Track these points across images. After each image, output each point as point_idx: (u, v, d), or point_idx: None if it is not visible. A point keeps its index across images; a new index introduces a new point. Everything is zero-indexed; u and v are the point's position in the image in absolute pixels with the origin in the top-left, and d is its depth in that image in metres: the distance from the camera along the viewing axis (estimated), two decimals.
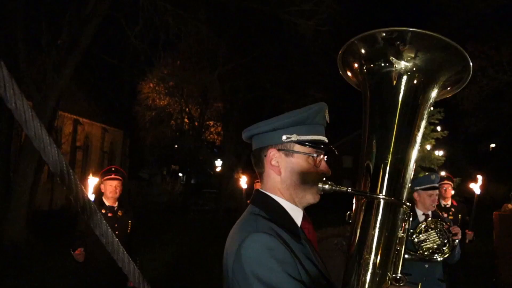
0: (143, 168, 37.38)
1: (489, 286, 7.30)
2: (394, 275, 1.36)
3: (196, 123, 26.57)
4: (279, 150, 1.39)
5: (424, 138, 11.23)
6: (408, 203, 1.40)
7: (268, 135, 1.41)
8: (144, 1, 11.42)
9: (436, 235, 3.93)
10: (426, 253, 3.86)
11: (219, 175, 26.24)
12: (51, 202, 21.13)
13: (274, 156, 1.39)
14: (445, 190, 6.06)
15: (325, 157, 1.44)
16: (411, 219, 1.44)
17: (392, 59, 1.43)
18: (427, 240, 3.93)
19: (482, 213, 7.93)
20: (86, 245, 4.26)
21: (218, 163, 25.83)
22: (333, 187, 1.38)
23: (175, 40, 12.98)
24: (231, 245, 1.30)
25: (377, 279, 1.34)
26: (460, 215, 6.10)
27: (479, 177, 5.17)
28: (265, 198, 1.41)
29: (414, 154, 1.46)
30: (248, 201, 1.48)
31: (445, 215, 5.85)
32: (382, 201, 1.39)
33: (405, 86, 1.44)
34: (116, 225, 4.43)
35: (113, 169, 4.57)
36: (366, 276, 1.34)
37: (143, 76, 22.72)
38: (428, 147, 11.06)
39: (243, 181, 6.18)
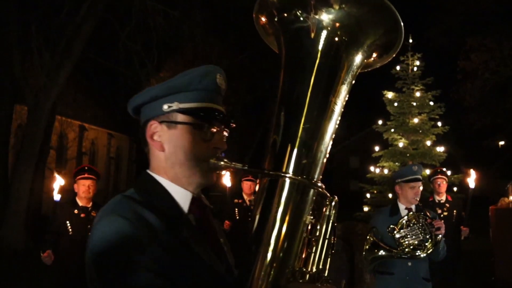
0: None
1: (487, 285, 7.03)
2: (298, 269, 1.16)
3: None
4: (161, 122, 1.19)
5: (425, 134, 10.95)
6: (320, 184, 1.18)
7: (149, 106, 1.21)
8: (138, 2, 11.39)
9: (418, 230, 3.73)
10: (407, 249, 3.65)
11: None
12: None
13: (155, 130, 1.19)
14: (439, 185, 5.82)
15: (225, 130, 1.23)
16: (333, 203, 1.21)
17: (308, 11, 1.22)
18: (408, 236, 3.73)
19: (484, 209, 7.68)
20: (59, 247, 4.23)
21: None
22: (227, 164, 1.18)
23: (171, 43, 12.95)
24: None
25: (276, 272, 1.14)
26: (455, 211, 5.85)
27: (472, 172, 5.02)
28: (146, 179, 1.22)
29: (331, 125, 1.24)
30: (236, 201, 1.31)
31: (439, 211, 5.62)
32: (287, 181, 1.17)
33: (323, 44, 1.22)
34: (89, 226, 4.32)
35: (86, 168, 4.56)
36: (262, 269, 1.14)
37: (146, 81, 22.81)
38: (429, 143, 10.78)
39: (227, 178, 5.41)
